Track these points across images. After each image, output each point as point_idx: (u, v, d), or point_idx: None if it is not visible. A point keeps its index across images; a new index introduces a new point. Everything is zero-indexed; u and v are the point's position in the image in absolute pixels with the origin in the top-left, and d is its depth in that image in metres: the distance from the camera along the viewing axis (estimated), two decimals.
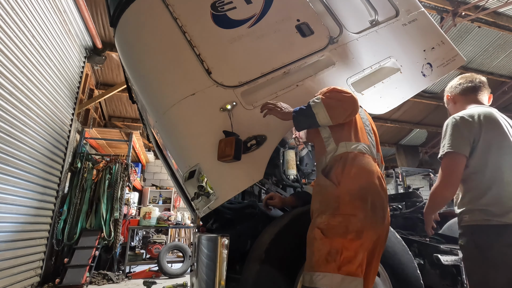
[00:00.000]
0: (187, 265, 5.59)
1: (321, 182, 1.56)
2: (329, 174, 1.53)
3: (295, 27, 2.08)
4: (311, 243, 1.44)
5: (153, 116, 2.00)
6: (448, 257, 2.02)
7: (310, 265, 1.40)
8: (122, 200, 5.77)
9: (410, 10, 2.49)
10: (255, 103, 1.85)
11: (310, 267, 1.40)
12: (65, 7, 4.80)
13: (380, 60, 2.25)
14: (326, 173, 1.54)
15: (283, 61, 1.96)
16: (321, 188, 1.54)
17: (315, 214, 1.51)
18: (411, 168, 9.98)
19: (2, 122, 3.45)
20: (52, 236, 4.94)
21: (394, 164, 12.68)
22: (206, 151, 1.72)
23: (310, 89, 1.98)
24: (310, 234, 1.47)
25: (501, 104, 10.25)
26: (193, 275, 2.56)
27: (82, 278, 4.62)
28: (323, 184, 1.53)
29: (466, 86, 1.85)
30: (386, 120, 10.66)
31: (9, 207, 3.71)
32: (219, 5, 2.01)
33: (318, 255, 1.38)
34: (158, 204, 9.62)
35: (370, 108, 2.11)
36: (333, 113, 1.53)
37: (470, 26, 7.00)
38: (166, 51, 1.92)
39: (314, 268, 1.37)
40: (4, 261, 3.60)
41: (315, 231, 1.43)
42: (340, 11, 2.26)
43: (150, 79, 1.98)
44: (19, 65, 3.71)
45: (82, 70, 5.88)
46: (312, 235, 1.44)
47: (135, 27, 2.07)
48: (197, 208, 1.88)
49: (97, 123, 8.08)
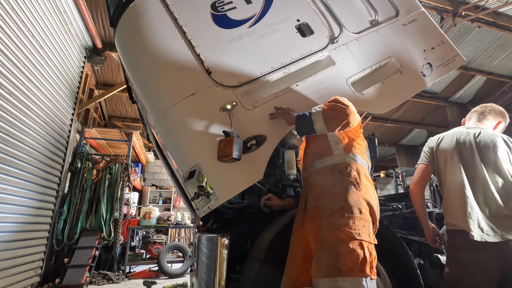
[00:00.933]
0: (187, 265, 5.59)
1: (337, 181, 1.54)
2: (348, 176, 1.55)
3: (295, 27, 2.08)
4: (334, 246, 1.34)
5: (153, 116, 2.00)
6: None
7: (334, 270, 1.29)
8: (122, 200, 5.77)
9: (410, 10, 2.49)
10: (255, 103, 1.85)
11: (333, 271, 1.29)
12: (65, 7, 4.80)
13: (380, 60, 2.24)
14: (344, 175, 1.55)
15: (283, 61, 1.96)
16: (340, 187, 1.51)
17: (336, 213, 1.42)
18: (411, 168, 9.97)
19: (2, 122, 3.45)
20: (52, 236, 4.94)
21: (394, 164, 12.69)
22: (206, 151, 1.71)
23: (310, 89, 1.98)
24: (331, 235, 1.37)
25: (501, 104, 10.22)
26: (193, 275, 2.56)
27: (82, 278, 4.62)
28: (344, 185, 1.52)
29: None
30: (386, 120, 10.67)
31: (9, 207, 3.71)
32: (219, 5, 2.01)
33: (350, 258, 1.30)
34: (158, 204, 9.62)
35: (370, 108, 2.11)
36: (328, 122, 1.61)
37: (470, 26, 6.99)
38: (166, 51, 1.92)
39: (344, 274, 1.27)
40: (4, 261, 3.60)
41: (340, 232, 1.36)
42: (340, 11, 2.26)
43: (150, 79, 1.98)
44: (19, 65, 3.71)
45: (82, 70, 5.88)
46: (335, 237, 1.35)
47: (135, 27, 2.06)
48: (197, 208, 1.88)
49: (97, 123, 8.09)
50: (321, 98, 1.98)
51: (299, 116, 1.71)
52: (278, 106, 1.86)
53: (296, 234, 1.64)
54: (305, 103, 1.93)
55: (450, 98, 9.90)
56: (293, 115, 1.75)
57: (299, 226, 1.65)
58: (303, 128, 1.70)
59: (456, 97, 9.89)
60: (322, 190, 1.57)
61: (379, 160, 13.94)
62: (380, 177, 11.66)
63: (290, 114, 1.77)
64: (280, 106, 1.84)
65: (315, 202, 1.57)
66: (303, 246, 1.57)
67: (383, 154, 13.54)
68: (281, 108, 1.82)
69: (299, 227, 1.64)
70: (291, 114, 1.76)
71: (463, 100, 10.12)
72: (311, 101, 1.96)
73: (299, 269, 1.53)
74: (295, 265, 1.56)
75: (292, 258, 1.59)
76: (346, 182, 1.53)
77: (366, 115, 9.55)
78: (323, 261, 1.35)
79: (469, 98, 10.11)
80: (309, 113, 1.67)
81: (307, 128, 1.67)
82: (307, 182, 1.74)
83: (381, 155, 13.49)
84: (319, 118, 1.62)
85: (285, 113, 1.78)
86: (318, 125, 1.63)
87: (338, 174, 1.57)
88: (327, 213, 1.46)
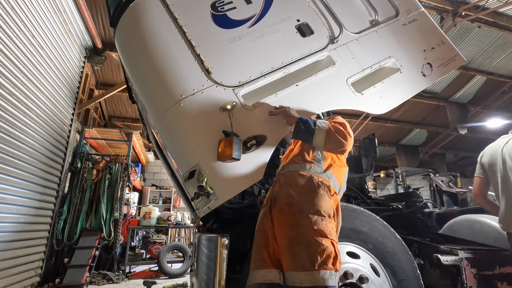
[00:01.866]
0: (187, 265, 5.59)
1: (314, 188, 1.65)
2: (323, 186, 1.66)
3: (295, 27, 2.08)
4: (310, 243, 1.48)
5: (153, 116, 2.00)
6: (448, 257, 2.02)
7: (310, 263, 1.43)
8: (122, 200, 5.77)
9: (410, 10, 2.49)
10: (255, 103, 1.85)
11: (309, 265, 1.43)
12: (65, 7, 4.80)
13: (380, 60, 2.25)
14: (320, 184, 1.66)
15: (283, 61, 1.96)
16: (316, 193, 1.63)
17: (312, 215, 1.55)
18: (411, 168, 9.98)
19: (2, 122, 3.45)
20: (52, 236, 4.94)
21: (394, 164, 12.69)
22: (206, 151, 1.71)
23: (310, 89, 1.98)
24: (307, 233, 1.50)
25: (501, 104, 10.25)
26: (193, 275, 2.56)
27: (82, 278, 4.62)
28: (320, 192, 1.63)
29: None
30: (386, 120, 10.67)
31: (9, 207, 3.71)
32: (219, 5, 2.02)
33: (324, 254, 1.45)
34: (158, 204, 9.62)
35: (370, 108, 2.11)
36: (327, 143, 1.72)
37: (470, 26, 7.00)
38: (166, 51, 1.92)
39: (318, 267, 1.42)
40: (4, 261, 3.60)
41: (315, 231, 1.50)
42: (340, 11, 2.26)
43: (150, 79, 1.98)
44: (19, 65, 3.71)
45: (82, 70, 5.88)
46: (312, 235, 1.49)
47: (135, 27, 2.06)
48: (197, 208, 1.88)
49: (97, 123, 8.08)
50: (321, 98, 1.98)
51: (301, 121, 1.74)
52: (278, 106, 1.87)
53: (264, 222, 1.70)
54: (305, 103, 1.93)
55: (450, 98, 9.90)
56: (293, 116, 1.77)
57: (267, 214, 1.71)
58: (300, 134, 1.76)
59: (456, 97, 9.89)
60: (300, 191, 1.64)
61: (379, 160, 13.95)
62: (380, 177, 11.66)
63: (290, 114, 1.78)
64: (280, 106, 1.86)
65: (288, 198, 1.64)
66: (272, 232, 1.65)
67: (383, 154, 13.54)
68: (282, 107, 1.84)
69: (267, 214, 1.71)
70: (291, 114, 1.78)
71: (463, 100, 10.12)
72: (311, 101, 1.96)
73: (272, 250, 1.61)
74: (268, 247, 1.61)
75: (264, 241, 1.64)
76: (321, 189, 1.66)
77: (366, 115, 9.56)
78: (299, 256, 1.48)
79: (469, 98, 10.11)
80: (314, 124, 1.73)
81: (305, 137, 1.75)
82: (282, 177, 1.79)
83: (381, 155, 13.49)
84: (322, 135, 1.71)
85: (286, 113, 1.80)
86: (317, 140, 1.72)
87: (315, 182, 1.68)
88: (302, 213, 1.56)
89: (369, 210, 1.98)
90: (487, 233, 2.38)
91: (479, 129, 10.97)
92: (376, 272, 1.82)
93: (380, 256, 1.86)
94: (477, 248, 2.18)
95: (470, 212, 2.74)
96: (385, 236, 1.91)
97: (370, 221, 1.92)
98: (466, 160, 14.35)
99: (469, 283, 1.99)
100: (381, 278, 1.80)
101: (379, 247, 1.87)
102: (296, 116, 1.77)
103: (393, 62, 2.29)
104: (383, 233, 1.92)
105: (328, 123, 1.75)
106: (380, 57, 2.25)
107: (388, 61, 2.28)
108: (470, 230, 2.50)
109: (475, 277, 2.02)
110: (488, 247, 2.28)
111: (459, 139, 12.21)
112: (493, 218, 2.44)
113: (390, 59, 2.28)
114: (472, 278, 2.01)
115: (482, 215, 2.57)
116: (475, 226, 2.49)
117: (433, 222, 2.89)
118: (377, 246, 1.87)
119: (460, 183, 7.84)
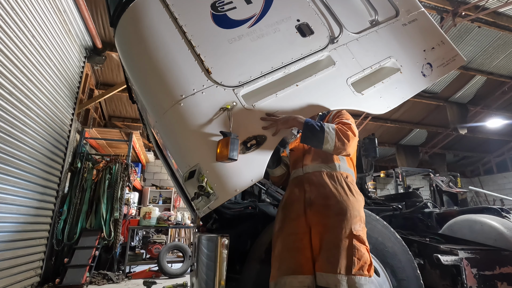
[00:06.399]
0: (187, 265, 5.59)
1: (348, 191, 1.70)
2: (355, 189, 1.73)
3: (295, 27, 2.08)
4: (348, 247, 1.51)
5: (153, 116, 2.00)
6: (448, 257, 2.02)
7: (347, 268, 1.47)
8: (122, 200, 5.77)
9: (410, 10, 2.49)
10: (255, 103, 1.85)
11: (346, 269, 1.47)
12: (65, 7, 4.80)
13: (380, 60, 2.24)
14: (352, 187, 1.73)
15: (283, 61, 1.96)
16: (353, 198, 1.68)
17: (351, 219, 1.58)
18: (411, 168, 9.97)
19: (2, 122, 3.45)
20: (52, 236, 4.94)
21: (394, 164, 12.68)
22: (206, 151, 1.71)
23: (310, 89, 1.98)
24: (347, 237, 1.53)
25: (501, 104, 10.26)
26: (193, 275, 2.56)
27: (82, 278, 4.62)
28: (357, 197, 1.69)
29: None
30: (386, 120, 10.67)
31: (9, 207, 3.71)
32: (219, 5, 2.01)
33: (362, 260, 1.49)
34: (158, 204, 9.61)
35: (370, 108, 2.11)
36: (337, 148, 1.70)
37: (470, 26, 7.00)
38: (166, 51, 1.92)
39: (355, 273, 1.46)
40: (4, 261, 3.60)
41: (354, 237, 1.54)
42: (340, 11, 2.26)
43: (150, 79, 1.98)
44: (19, 65, 3.71)
45: (82, 70, 5.88)
46: (350, 240, 1.53)
47: (135, 27, 2.06)
48: (197, 208, 1.88)
49: (97, 123, 8.08)
50: (321, 98, 1.98)
51: (308, 126, 1.71)
52: (276, 110, 1.83)
53: (298, 223, 1.67)
54: (305, 103, 1.93)
55: (450, 98, 9.90)
56: (291, 120, 1.74)
57: (300, 215, 1.68)
58: (308, 140, 1.74)
59: (456, 97, 9.89)
60: (337, 193, 1.67)
61: (379, 160, 13.93)
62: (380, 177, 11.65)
63: (288, 122, 1.75)
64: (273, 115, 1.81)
65: (324, 200, 1.66)
66: (308, 235, 1.63)
67: (383, 154, 13.53)
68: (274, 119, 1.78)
69: (300, 216, 1.68)
70: (288, 120, 1.75)
71: (463, 100, 10.12)
72: (311, 101, 1.96)
73: (309, 255, 1.59)
74: (305, 250, 1.59)
75: (301, 244, 1.61)
76: (357, 195, 1.71)
77: (366, 115, 9.56)
78: (335, 258, 1.49)
79: (469, 98, 10.12)
80: (320, 128, 1.69)
81: (315, 143, 1.73)
82: (312, 176, 1.79)
83: (381, 155, 13.48)
84: (332, 142, 1.69)
85: (284, 123, 1.75)
86: (327, 147, 1.70)
87: (347, 184, 1.73)
88: (340, 216, 1.58)
89: (369, 210, 1.98)
90: (487, 233, 2.38)
91: (479, 129, 10.98)
92: (376, 272, 1.81)
93: (380, 256, 1.86)
94: (477, 248, 2.19)
95: (470, 212, 2.74)
96: (385, 236, 1.91)
97: (370, 221, 1.92)
98: (466, 160, 14.36)
99: (469, 283, 2.00)
100: (381, 278, 1.80)
101: (379, 247, 1.87)
102: (296, 118, 1.74)
103: (393, 62, 2.29)
104: (383, 233, 1.92)
105: (336, 128, 1.72)
106: (380, 57, 2.25)
107: (388, 61, 2.28)
108: (470, 230, 2.50)
109: (475, 277, 2.03)
110: (488, 247, 2.28)
111: (459, 139, 12.22)
112: (493, 218, 2.45)
113: (390, 59, 2.28)
114: (472, 278, 2.01)
115: (482, 215, 2.57)
116: (475, 226, 2.49)
117: (433, 222, 2.89)
118: (377, 246, 1.87)
119: (460, 183, 7.83)
